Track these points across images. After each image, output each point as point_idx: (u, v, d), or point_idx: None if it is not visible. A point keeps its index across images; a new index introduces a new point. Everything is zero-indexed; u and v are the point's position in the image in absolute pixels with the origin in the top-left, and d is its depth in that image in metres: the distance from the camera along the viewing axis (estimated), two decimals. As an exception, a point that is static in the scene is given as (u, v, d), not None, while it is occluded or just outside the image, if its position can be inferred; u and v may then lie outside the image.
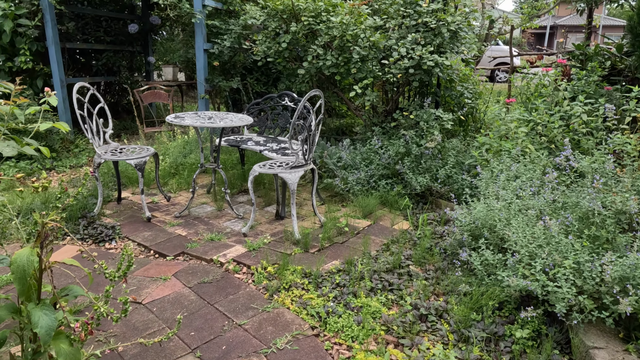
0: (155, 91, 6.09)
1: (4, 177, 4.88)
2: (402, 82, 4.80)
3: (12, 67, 6.25)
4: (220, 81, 6.03)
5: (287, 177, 3.48)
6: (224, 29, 5.97)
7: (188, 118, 3.92)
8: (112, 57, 7.69)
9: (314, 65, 4.95)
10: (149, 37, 8.36)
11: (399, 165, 4.32)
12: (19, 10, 6.14)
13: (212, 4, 5.90)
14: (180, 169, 5.07)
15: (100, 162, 3.86)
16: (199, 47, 5.89)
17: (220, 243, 3.50)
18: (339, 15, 4.81)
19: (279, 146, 4.42)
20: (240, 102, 6.86)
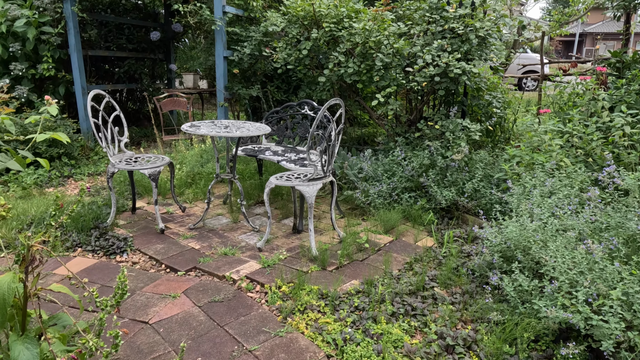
0: (174, 99, 6.02)
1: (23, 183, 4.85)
2: (427, 90, 4.59)
3: (35, 74, 6.28)
4: (239, 89, 5.92)
5: (304, 190, 3.30)
6: (244, 36, 5.87)
7: (204, 127, 3.79)
8: (133, 65, 7.70)
9: (335, 72, 4.79)
10: (171, 44, 8.35)
11: (423, 178, 4.10)
12: (43, 18, 6.17)
13: (233, 11, 5.81)
14: (197, 178, 4.96)
15: (114, 172, 3.76)
16: (218, 54, 5.80)
17: (234, 258, 3.35)
18: (361, 22, 4.64)
19: (297, 156, 4.25)
20: (260, 110, 6.74)
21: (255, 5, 6.04)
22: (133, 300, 2.78)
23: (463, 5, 4.41)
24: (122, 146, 4.05)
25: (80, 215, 3.83)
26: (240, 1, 5.98)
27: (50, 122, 5.50)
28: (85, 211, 3.96)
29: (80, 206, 4.11)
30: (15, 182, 4.93)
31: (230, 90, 5.97)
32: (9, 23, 6.06)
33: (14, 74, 6.15)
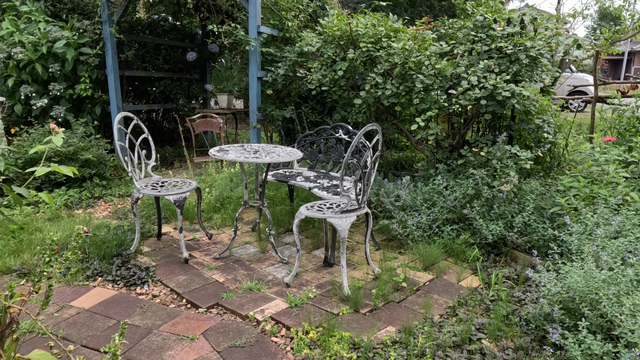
0: (207, 120, 5.92)
1: (51, 206, 4.80)
2: (471, 114, 4.27)
3: (73, 95, 6.33)
4: (273, 110, 5.76)
5: (336, 223, 3.03)
6: (278, 56, 5.73)
7: (232, 151, 3.60)
8: (169, 85, 7.71)
9: (371, 94, 4.54)
10: (207, 64, 8.35)
11: (467, 210, 3.76)
12: (82, 39, 6.24)
13: (268, 31, 5.69)
14: (226, 202, 4.78)
15: (139, 197, 3.61)
16: (252, 75, 5.67)
17: (259, 294, 3.09)
18: (400, 41, 4.39)
19: (330, 183, 4.00)
20: (293, 132, 6.56)
21: (291, 25, 5.91)
22: (149, 341, 2.57)
23: (511, 23, 4.10)
24: (149, 170, 3.91)
25: (104, 241, 3.69)
26: (276, 21, 5.86)
27: (84, 143, 5.49)
28: (110, 236, 3.82)
29: (105, 231, 3.99)
30: (45, 203, 4.89)
31: (264, 112, 5.81)
32: (49, 44, 6.16)
33: (52, 94, 6.23)
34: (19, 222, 4.18)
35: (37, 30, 6.22)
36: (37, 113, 6.26)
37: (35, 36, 6.17)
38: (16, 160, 5.01)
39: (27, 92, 6.16)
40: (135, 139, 3.85)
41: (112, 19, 6.10)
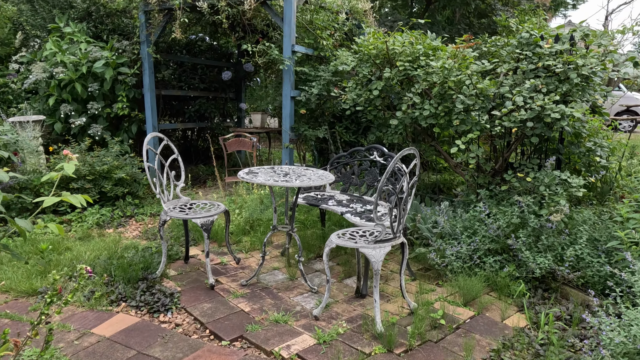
0: (240, 139, 5.86)
1: (83, 224, 4.80)
2: (515, 136, 4.00)
3: (110, 113, 6.43)
4: (306, 130, 5.64)
5: (369, 254, 2.83)
6: (313, 75, 5.62)
7: (262, 174, 3.47)
8: (204, 104, 7.75)
9: (408, 115, 4.34)
10: (242, 83, 8.38)
11: (512, 240, 3.47)
12: (120, 59, 6.34)
13: (302, 50, 5.61)
14: (256, 225, 4.65)
15: (166, 220, 3.52)
16: (285, 94, 5.58)
17: (285, 327, 2.91)
18: (439, 60, 4.19)
19: (364, 208, 3.80)
20: (327, 152, 6.41)
21: (326, 44, 5.81)
22: (167, 376, 2.42)
23: (560, 40, 3.83)
24: (177, 191, 3.83)
25: (130, 263, 3.61)
26: (310, 40, 5.78)
27: (118, 161, 5.51)
28: (137, 258, 3.74)
29: (133, 252, 3.92)
30: (78, 221, 4.90)
31: (297, 131, 5.70)
32: (89, 64, 6.29)
33: (90, 113, 6.33)
34: (50, 241, 4.18)
35: (79, 51, 6.37)
36: (75, 131, 6.38)
37: (76, 56, 6.32)
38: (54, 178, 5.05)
39: (67, 111, 6.29)
40: (165, 160, 3.78)
41: (149, 39, 6.19)
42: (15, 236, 4.43)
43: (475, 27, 11.81)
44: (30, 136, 5.87)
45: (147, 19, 6.17)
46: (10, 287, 3.35)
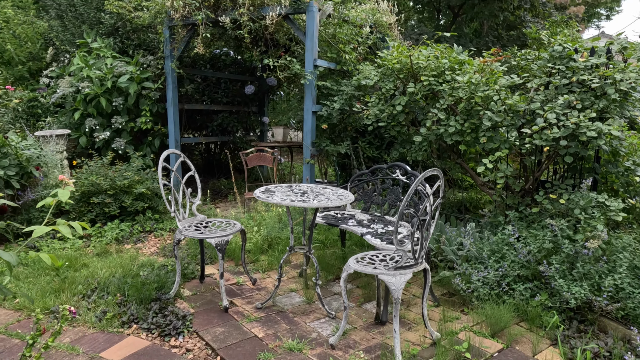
0: (260, 154, 5.78)
1: (102, 240, 4.78)
2: (547, 155, 3.77)
3: (134, 128, 6.46)
4: (327, 145, 5.52)
5: (389, 282, 2.66)
6: (335, 90, 5.52)
7: (278, 193, 3.35)
8: (227, 118, 7.74)
9: (433, 131, 4.17)
10: (265, 97, 8.35)
11: (544, 266, 3.24)
12: (145, 74, 6.39)
13: (325, 65, 5.52)
14: (274, 243, 4.53)
15: (180, 239, 3.43)
16: (307, 109, 5.48)
17: (300, 357, 2.76)
18: (466, 74, 4.02)
19: (385, 229, 3.63)
20: (349, 167, 6.27)
21: (349, 58, 5.70)
22: (172, 409, 2.30)
23: (596, 53, 3.61)
24: (194, 209, 3.75)
25: (144, 283, 3.53)
26: (333, 54, 5.69)
27: (139, 176, 5.50)
28: (152, 277, 3.66)
29: (148, 270, 3.84)
30: (97, 236, 4.89)
31: (318, 147, 5.59)
32: (114, 79, 6.35)
33: (114, 127, 6.38)
34: (67, 257, 4.16)
35: (104, 66, 6.45)
36: (100, 145, 6.43)
37: (102, 71, 6.40)
38: (73, 193, 5.07)
39: (92, 125, 6.36)
40: (181, 176, 3.72)
41: (173, 54, 6.21)
42: (34, 251, 4.44)
43: (504, 39, 11.54)
44: (55, 150, 5.94)
45: (171, 34, 6.20)
46: (23, 305, 3.32)
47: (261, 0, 5.43)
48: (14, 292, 3.47)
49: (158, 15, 5.99)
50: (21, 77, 8.53)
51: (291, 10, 5.33)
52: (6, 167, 4.29)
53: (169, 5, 5.69)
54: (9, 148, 4.33)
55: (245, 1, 5.35)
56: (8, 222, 2.43)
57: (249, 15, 5.35)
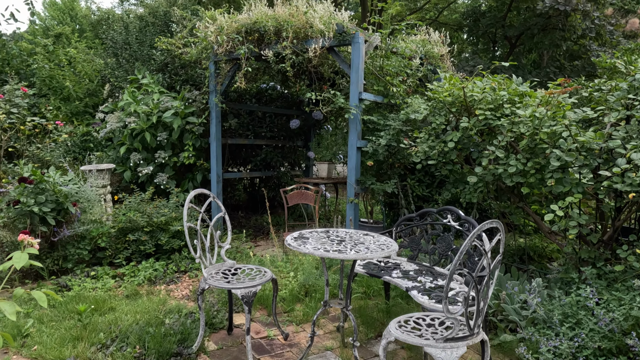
0: (302, 192, 5.49)
1: (134, 279, 4.59)
2: (630, 201, 3.20)
3: (177, 162, 6.39)
4: (373, 183, 5.14)
5: (437, 356, 2.20)
6: (381, 124, 5.17)
7: (313, 240, 3.00)
8: (271, 152, 7.56)
9: (490, 171, 3.70)
10: (311, 131, 8.14)
11: (632, 339, 2.65)
12: (189, 109, 6.35)
13: (371, 98, 5.21)
14: (311, 291, 4.15)
15: (204, 288, 3.13)
16: (351, 144, 5.16)
17: None
18: (528, 107, 3.56)
19: (434, 283, 3.17)
20: (396, 206, 5.84)
21: (396, 91, 5.37)
22: None
23: (689, 82, 3.07)
24: (222, 254, 3.46)
25: (166, 334, 3.24)
26: (380, 87, 5.37)
27: (177, 212, 5.34)
28: (176, 326, 3.37)
29: (174, 318, 3.57)
30: (131, 275, 4.71)
31: (363, 185, 5.22)
32: (160, 114, 6.35)
33: (158, 162, 6.34)
34: (95, 299, 3.97)
35: (151, 101, 6.48)
36: (143, 179, 6.40)
37: (149, 106, 6.42)
38: (109, 229, 4.97)
39: (136, 160, 6.35)
40: (207, 220, 3.45)
41: (217, 89, 6.14)
42: (65, 290, 4.30)
43: (567, 70, 10.82)
44: (99, 184, 5.94)
45: (216, 69, 6.15)
46: (39, 354, 3.11)
47: (305, 33, 5.25)
48: (34, 337, 3.29)
49: (204, 51, 5.96)
50: (78, 112, 8.85)
51: (336, 43, 5.10)
52: (42, 203, 4.23)
53: (214, 41, 5.64)
54: (47, 184, 4.28)
55: (289, 34, 5.19)
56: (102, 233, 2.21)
57: (292, 48, 5.17)
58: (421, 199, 5.75)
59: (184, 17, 7.36)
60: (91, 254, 4.90)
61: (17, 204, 4.06)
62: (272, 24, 5.31)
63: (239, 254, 5.61)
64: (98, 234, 4.93)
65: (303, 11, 5.27)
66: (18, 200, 4.06)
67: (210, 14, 5.88)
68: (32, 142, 6.16)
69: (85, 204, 4.90)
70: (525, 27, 10.96)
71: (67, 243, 4.78)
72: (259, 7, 5.66)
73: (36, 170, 4.25)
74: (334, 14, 5.11)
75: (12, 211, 4.06)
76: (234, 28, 5.52)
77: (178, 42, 6.48)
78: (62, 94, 8.81)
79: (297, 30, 5.23)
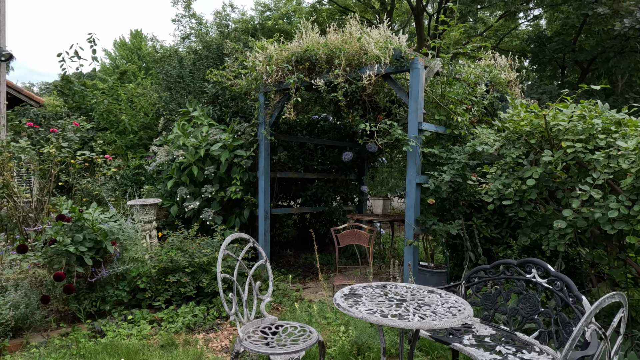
0: (354, 231, 4.99)
1: (172, 326, 4.23)
2: None
3: (224, 197, 6.12)
4: (435, 224, 4.56)
5: None
6: (444, 157, 4.63)
7: (367, 299, 2.49)
8: (322, 187, 7.14)
9: (582, 215, 3.06)
10: (365, 165, 7.67)
11: None
12: (237, 142, 6.09)
13: (432, 129, 4.70)
14: (365, 349, 3.59)
15: (239, 351, 2.68)
16: (410, 180, 4.64)
17: None
18: (631, 138, 2.92)
19: (519, 357, 2.54)
20: (461, 249, 5.19)
21: (461, 120, 4.82)
22: None
23: None
24: (262, 308, 3.02)
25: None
26: (442, 116, 4.85)
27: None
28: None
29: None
30: (169, 320, 4.36)
31: (423, 225, 4.65)
32: (208, 147, 6.14)
33: (204, 196, 6.09)
34: (127, 349, 3.63)
35: (199, 134, 6.31)
36: (190, 215, 6.16)
37: (197, 139, 6.24)
38: (150, 269, 4.68)
39: (183, 194, 6.14)
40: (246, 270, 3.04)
41: (266, 120, 5.86)
42: (99, 336, 4.01)
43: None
44: (145, 220, 5.74)
45: (265, 100, 5.89)
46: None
47: (358, 60, 4.88)
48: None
49: (253, 81, 5.73)
50: (133, 145, 8.92)
51: (392, 69, 4.68)
52: (80, 242, 4.01)
53: (263, 71, 5.39)
54: (85, 222, 4.07)
55: (342, 61, 4.83)
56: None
57: (344, 76, 4.80)
58: (489, 241, 5.08)
59: (235, 49, 7.26)
60: (130, 294, 4.61)
61: (54, 243, 3.85)
62: (324, 52, 4.98)
63: (286, 297, 5.16)
64: (138, 274, 4.66)
65: (357, 37, 4.91)
66: (54, 239, 3.85)
67: (260, 44, 5.66)
68: (83, 176, 6.12)
69: (127, 242, 4.66)
70: (599, 51, 10.08)
71: (107, 283, 4.53)
72: (310, 36, 5.38)
73: (75, 207, 4.05)
74: (391, 38, 4.70)
75: (49, 250, 3.86)
76: (284, 57, 5.25)
77: (229, 73, 6.31)
78: (118, 127, 8.94)
79: (350, 57, 4.86)
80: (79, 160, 5.82)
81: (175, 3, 22.63)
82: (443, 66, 4.94)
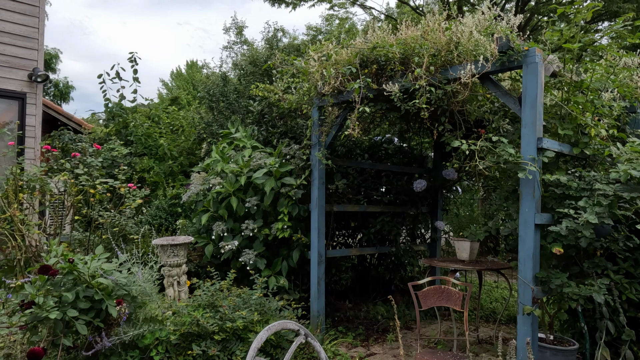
0: (440, 288, 3.64)
1: None
2: None
3: (269, 235, 4.95)
4: (566, 284, 3.14)
5: None
6: (575, 188, 3.23)
7: None
8: (388, 223, 5.82)
9: None
10: (439, 195, 6.29)
11: None
12: (285, 167, 4.95)
13: (555, 148, 3.34)
14: None
15: None
16: (524, 219, 3.26)
17: None
18: None
19: None
20: (592, 315, 3.69)
21: (594, 136, 3.43)
22: None
23: None
24: None
25: None
26: (567, 130, 3.47)
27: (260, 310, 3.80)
28: None
29: None
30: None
31: (545, 285, 3.24)
32: (251, 173, 5.04)
33: (245, 234, 4.95)
34: None
35: (241, 158, 5.23)
36: (227, 256, 5.03)
37: (238, 165, 5.17)
38: (169, 335, 3.53)
39: (220, 231, 5.04)
40: None
41: (321, 140, 4.69)
42: None
43: None
44: (173, 263, 4.66)
45: (320, 116, 4.74)
46: None
47: (445, 58, 3.64)
48: None
49: (306, 94, 4.61)
50: (172, 172, 8.03)
51: (497, 67, 3.40)
52: (70, 304, 2.92)
53: (318, 77, 4.26)
54: (80, 274, 2.99)
55: (423, 60, 3.60)
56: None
57: (427, 78, 3.56)
58: (632, 305, 3.58)
59: (285, 60, 6.22)
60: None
61: (32, 306, 2.78)
62: (398, 49, 3.79)
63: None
64: (154, 340, 3.52)
65: (443, 27, 3.68)
66: (32, 302, 2.79)
67: (314, 47, 4.56)
68: (106, 208, 5.18)
69: (141, 298, 3.55)
70: None
71: (113, 353, 3.41)
72: (377, 33, 4.21)
73: (67, 254, 2.99)
74: (495, 24, 3.43)
75: (25, 316, 2.80)
76: (345, 59, 4.10)
77: (277, 88, 5.24)
78: (157, 153, 8.10)
79: (436, 53, 3.63)
80: (99, 189, 4.87)
81: (227, 30, 22.48)
82: (565, 66, 3.59)
